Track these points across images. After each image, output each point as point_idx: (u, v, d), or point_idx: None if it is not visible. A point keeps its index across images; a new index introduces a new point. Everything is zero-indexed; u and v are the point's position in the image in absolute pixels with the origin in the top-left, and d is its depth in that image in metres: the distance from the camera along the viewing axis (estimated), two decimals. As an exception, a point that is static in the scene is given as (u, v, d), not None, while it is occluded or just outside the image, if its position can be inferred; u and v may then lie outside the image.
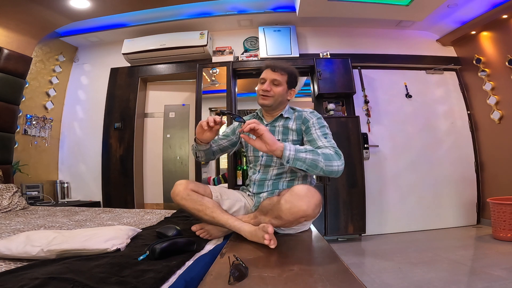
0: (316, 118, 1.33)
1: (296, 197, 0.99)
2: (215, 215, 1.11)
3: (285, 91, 1.36)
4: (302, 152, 1.07)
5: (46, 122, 3.27)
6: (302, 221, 1.06)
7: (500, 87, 3.01)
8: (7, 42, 2.68)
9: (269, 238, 0.94)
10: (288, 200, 1.00)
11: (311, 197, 1.00)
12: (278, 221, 1.05)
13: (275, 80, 1.33)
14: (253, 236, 1.03)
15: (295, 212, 0.99)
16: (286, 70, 1.36)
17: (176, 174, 3.45)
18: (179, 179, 1.23)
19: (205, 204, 1.13)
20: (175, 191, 1.17)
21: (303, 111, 1.39)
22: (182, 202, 1.15)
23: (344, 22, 3.39)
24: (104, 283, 0.68)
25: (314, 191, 1.03)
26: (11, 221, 1.64)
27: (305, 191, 1.00)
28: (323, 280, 0.71)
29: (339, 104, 3.20)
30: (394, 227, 3.14)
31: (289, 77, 1.36)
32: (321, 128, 1.29)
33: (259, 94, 1.36)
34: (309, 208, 0.99)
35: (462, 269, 1.93)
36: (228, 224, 1.10)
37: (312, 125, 1.31)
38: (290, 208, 0.99)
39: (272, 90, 1.33)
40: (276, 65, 1.36)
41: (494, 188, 3.08)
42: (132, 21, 3.32)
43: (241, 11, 3.23)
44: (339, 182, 2.83)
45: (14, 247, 0.91)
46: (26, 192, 2.87)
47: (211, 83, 3.27)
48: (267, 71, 1.37)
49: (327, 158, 1.09)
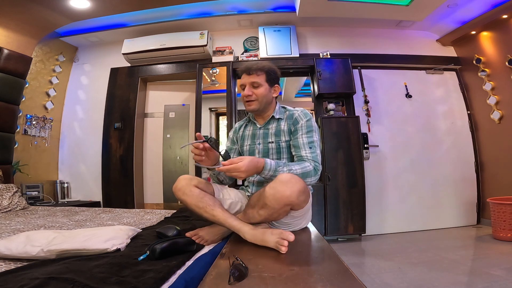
0: (305, 120, 1.32)
1: (280, 183, 1.01)
2: (215, 213, 1.09)
3: (267, 90, 1.35)
4: (279, 172, 1.13)
5: (46, 122, 3.27)
6: (288, 210, 1.07)
7: (500, 87, 3.01)
8: (7, 42, 2.68)
9: (287, 245, 0.91)
10: (272, 186, 1.02)
11: (294, 183, 1.01)
12: (265, 211, 1.04)
13: (253, 82, 1.33)
14: (256, 239, 1.00)
15: (279, 198, 1.00)
16: (262, 69, 1.34)
17: (176, 174, 3.45)
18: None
19: (206, 201, 1.12)
20: (177, 185, 1.15)
21: (294, 111, 1.38)
22: (184, 197, 1.13)
23: (344, 22, 3.39)
24: (104, 283, 0.68)
25: (298, 179, 1.05)
26: (11, 221, 1.64)
27: (289, 177, 1.02)
28: (323, 280, 0.71)
29: (339, 104, 3.20)
30: (394, 227, 3.14)
31: (267, 75, 1.34)
32: (308, 133, 1.29)
33: (244, 101, 1.36)
34: (293, 193, 1.00)
35: (462, 269, 1.93)
36: (227, 223, 1.08)
37: (300, 128, 1.30)
38: (274, 194, 1.00)
39: (254, 94, 1.32)
40: (250, 67, 1.34)
41: (494, 188, 3.08)
42: (132, 21, 3.32)
43: (241, 11, 3.23)
44: (339, 182, 2.82)
45: (14, 247, 0.91)
46: (26, 192, 2.87)
47: (211, 83, 3.27)
48: (243, 76, 1.36)
49: (304, 176, 1.16)
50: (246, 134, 1.46)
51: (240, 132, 1.50)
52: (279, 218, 1.12)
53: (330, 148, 2.82)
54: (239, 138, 1.50)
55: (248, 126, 1.49)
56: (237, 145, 1.51)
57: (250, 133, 1.45)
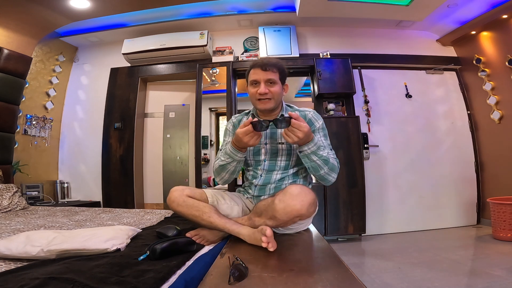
0: (321, 122, 1.31)
1: (290, 196, 1.00)
2: (212, 220, 1.10)
3: (281, 89, 1.28)
4: (317, 155, 1.12)
5: (46, 122, 3.27)
6: (296, 221, 1.06)
7: (500, 87, 3.01)
8: (7, 42, 2.68)
9: (266, 240, 0.93)
10: (282, 199, 1.00)
11: (304, 196, 1.00)
12: (273, 222, 1.04)
13: (270, 79, 1.23)
14: (251, 239, 1.02)
15: (289, 212, 0.99)
16: (276, 66, 1.26)
17: (176, 174, 3.45)
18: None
19: (202, 209, 1.12)
20: (170, 197, 1.16)
21: (305, 111, 1.35)
22: (179, 208, 1.15)
23: (344, 22, 3.39)
24: (104, 283, 0.68)
25: (308, 190, 1.03)
26: (11, 221, 1.64)
27: (299, 190, 1.01)
28: (323, 280, 0.71)
29: (339, 104, 3.20)
30: (394, 227, 3.14)
31: (280, 73, 1.28)
32: (325, 136, 1.30)
33: (256, 98, 1.26)
34: (303, 207, 0.99)
35: (462, 269, 1.93)
36: (226, 228, 1.09)
37: (318, 130, 1.29)
38: (284, 208, 0.99)
39: (270, 92, 1.23)
40: (266, 62, 1.24)
41: (494, 188, 3.08)
42: (132, 21, 3.32)
43: (241, 11, 3.23)
44: (339, 182, 2.82)
45: (14, 247, 0.91)
46: (26, 192, 2.87)
47: (211, 83, 3.27)
48: (257, 71, 1.25)
49: (332, 169, 1.16)
50: None
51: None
52: (286, 226, 1.12)
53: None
54: None
55: None
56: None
57: None
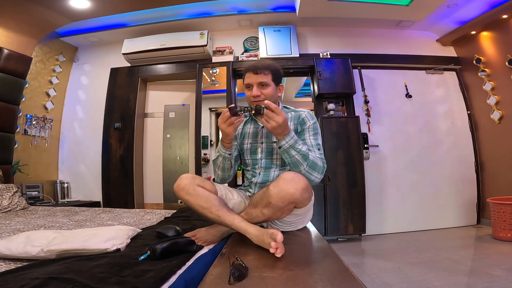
0: (312, 122, 1.32)
1: (283, 181, 1.01)
2: (220, 214, 1.06)
3: (274, 90, 1.31)
4: (296, 149, 1.13)
5: (46, 122, 3.27)
6: (291, 208, 1.07)
7: (500, 87, 3.01)
8: (7, 42, 2.68)
9: (275, 246, 0.88)
10: (276, 184, 1.02)
11: (298, 180, 1.02)
12: (269, 210, 1.04)
13: (261, 82, 1.28)
14: (259, 241, 0.98)
15: (283, 196, 1.00)
16: (269, 68, 1.29)
17: (176, 174, 3.45)
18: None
19: (212, 201, 1.08)
20: (180, 185, 1.11)
21: (300, 111, 1.37)
22: (187, 197, 1.09)
23: (344, 22, 3.39)
24: (104, 283, 0.68)
25: (301, 176, 1.06)
26: (11, 221, 1.64)
27: (292, 175, 1.03)
28: (323, 280, 0.71)
29: (339, 104, 3.20)
30: (394, 227, 3.14)
31: (273, 74, 1.31)
32: (315, 135, 1.30)
33: (251, 101, 1.30)
34: (297, 191, 1.00)
35: (462, 269, 1.93)
36: (233, 225, 1.05)
37: (307, 129, 1.30)
38: (278, 192, 1.00)
39: (262, 94, 1.28)
40: (256, 65, 1.29)
41: (494, 188, 3.08)
42: (132, 21, 3.32)
43: (241, 11, 3.23)
44: (339, 182, 2.82)
45: (14, 247, 0.91)
46: (26, 192, 2.87)
47: (211, 83, 3.27)
48: (249, 75, 1.30)
49: (312, 167, 1.16)
50: (247, 132, 1.41)
51: (240, 128, 1.45)
52: (283, 217, 1.11)
53: (330, 148, 2.82)
54: (238, 135, 1.44)
55: (248, 124, 1.44)
56: (237, 142, 1.44)
57: (251, 131, 1.40)
